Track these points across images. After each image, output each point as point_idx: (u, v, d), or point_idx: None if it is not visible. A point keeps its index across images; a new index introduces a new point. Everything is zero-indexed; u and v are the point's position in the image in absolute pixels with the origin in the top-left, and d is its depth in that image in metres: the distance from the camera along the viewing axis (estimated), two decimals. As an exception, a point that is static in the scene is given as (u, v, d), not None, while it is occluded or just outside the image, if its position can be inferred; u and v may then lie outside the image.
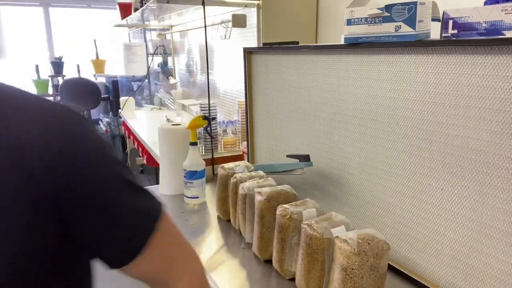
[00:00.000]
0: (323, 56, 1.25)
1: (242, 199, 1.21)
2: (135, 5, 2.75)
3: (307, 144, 1.41)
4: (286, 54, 1.44)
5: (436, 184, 0.96)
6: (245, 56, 1.69)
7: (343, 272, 0.85)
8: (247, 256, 1.18)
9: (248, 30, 2.16)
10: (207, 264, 1.14)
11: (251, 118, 1.77)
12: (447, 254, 0.95)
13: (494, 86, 0.80)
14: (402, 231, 1.07)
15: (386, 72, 1.04)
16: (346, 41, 1.08)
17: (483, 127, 0.83)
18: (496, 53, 0.79)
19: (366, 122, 1.13)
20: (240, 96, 2.43)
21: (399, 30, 0.94)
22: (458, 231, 0.92)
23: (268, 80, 1.59)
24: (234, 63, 2.51)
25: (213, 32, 2.53)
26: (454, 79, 0.88)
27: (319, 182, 1.38)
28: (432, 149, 0.95)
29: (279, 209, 1.04)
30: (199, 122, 1.59)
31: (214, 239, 1.29)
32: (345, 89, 1.19)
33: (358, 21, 1.03)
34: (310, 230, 0.93)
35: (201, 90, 3.28)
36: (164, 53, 3.80)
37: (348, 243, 0.84)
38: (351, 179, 1.22)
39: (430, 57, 0.92)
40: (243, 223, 1.24)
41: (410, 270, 1.06)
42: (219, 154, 2.06)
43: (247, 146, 1.82)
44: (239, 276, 1.08)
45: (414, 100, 0.98)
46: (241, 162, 1.42)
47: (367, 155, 1.14)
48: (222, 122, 2.32)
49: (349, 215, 1.24)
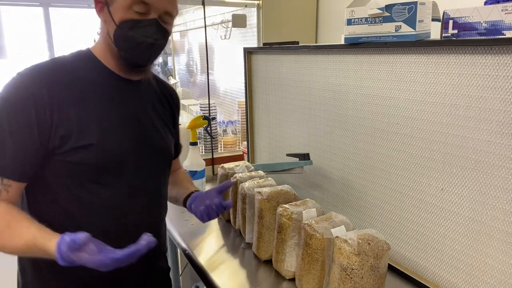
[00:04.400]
0: (323, 56, 1.25)
1: (242, 199, 1.21)
2: (135, 5, 2.74)
3: (307, 144, 1.41)
4: (286, 54, 1.44)
5: (436, 184, 0.95)
6: (245, 56, 1.69)
7: (343, 272, 0.84)
8: (247, 256, 1.18)
9: (248, 30, 2.16)
10: (207, 264, 1.14)
11: (251, 118, 1.77)
12: (447, 254, 0.95)
13: (494, 86, 0.80)
14: (402, 231, 1.07)
15: (386, 72, 1.04)
16: (346, 41, 1.08)
17: (483, 127, 0.83)
18: (496, 53, 0.79)
19: (366, 122, 1.13)
20: (240, 96, 2.43)
21: (399, 30, 0.94)
22: (458, 231, 0.92)
23: (268, 80, 1.59)
24: (234, 63, 2.51)
25: (213, 32, 2.53)
26: (454, 79, 0.88)
27: (319, 182, 1.38)
28: (432, 149, 0.95)
29: (279, 209, 1.04)
30: (199, 122, 1.59)
31: (214, 239, 1.29)
32: (345, 89, 1.19)
33: (358, 21, 1.03)
34: (310, 230, 0.93)
35: (201, 90, 3.28)
36: (164, 53, 3.79)
37: (348, 243, 0.84)
38: (351, 179, 1.22)
39: (430, 57, 0.92)
40: (243, 223, 1.24)
41: (410, 270, 1.06)
42: (219, 154, 2.06)
43: (247, 146, 1.82)
44: (239, 276, 1.08)
45: (414, 100, 0.98)
46: (241, 162, 1.42)
47: (367, 155, 1.14)
48: (222, 122, 2.32)
49: (349, 215, 1.24)
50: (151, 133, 0.99)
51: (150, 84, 1.04)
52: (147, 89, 1.02)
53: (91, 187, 0.89)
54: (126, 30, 0.88)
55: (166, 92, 1.10)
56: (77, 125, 0.86)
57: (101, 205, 0.91)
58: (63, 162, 0.86)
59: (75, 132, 0.85)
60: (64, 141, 0.85)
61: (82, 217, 0.90)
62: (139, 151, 0.95)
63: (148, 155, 0.98)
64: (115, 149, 0.91)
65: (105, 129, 0.89)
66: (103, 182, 0.90)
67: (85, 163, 0.87)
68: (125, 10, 0.87)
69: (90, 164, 0.87)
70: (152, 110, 1.02)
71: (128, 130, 0.94)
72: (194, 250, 1.22)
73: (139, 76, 0.99)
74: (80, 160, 0.86)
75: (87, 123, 0.87)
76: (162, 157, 1.03)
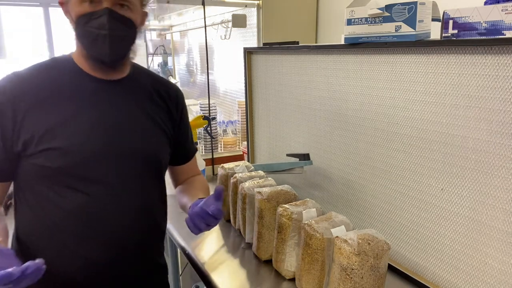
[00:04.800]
0: (323, 56, 1.25)
1: (242, 199, 1.21)
2: (135, 5, 2.74)
3: (307, 144, 1.41)
4: (286, 54, 1.44)
5: (436, 184, 0.95)
6: (245, 56, 1.69)
7: (343, 272, 0.84)
8: (247, 256, 1.18)
9: (248, 30, 2.16)
10: (207, 264, 1.14)
11: (251, 118, 1.77)
12: (447, 254, 0.95)
13: (494, 86, 0.80)
14: (402, 231, 1.07)
15: (386, 72, 1.04)
16: (346, 41, 1.08)
17: (483, 127, 0.83)
18: (496, 53, 0.79)
19: (366, 122, 1.13)
20: (240, 96, 2.43)
21: (399, 30, 0.94)
22: (458, 231, 0.92)
23: (268, 80, 1.59)
24: (234, 63, 2.51)
25: (213, 32, 2.53)
26: (454, 79, 0.88)
27: (319, 182, 1.38)
28: (432, 149, 0.95)
29: (279, 209, 1.04)
30: (199, 122, 1.59)
31: (214, 239, 1.29)
32: (345, 89, 1.19)
33: (358, 21, 1.03)
34: (310, 230, 0.93)
35: (201, 90, 3.28)
36: (164, 53, 3.79)
37: (348, 243, 0.84)
38: (351, 179, 1.22)
39: (430, 57, 0.92)
40: (243, 223, 1.24)
41: (410, 270, 1.06)
42: (219, 154, 2.06)
43: (247, 146, 1.82)
44: (239, 276, 1.08)
45: (414, 100, 0.98)
46: (241, 162, 1.42)
47: (367, 155, 1.14)
48: (222, 122, 2.32)
49: (349, 215, 1.24)
50: (130, 135, 0.93)
51: (139, 83, 0.98)
52: (133, 88, 0.97)
53: (63, 191, 0.87)
54: (82, 26, 0.83)
55: (162, 91, 1.02)
56: (42, 129, 0.84)
57: (72, 209, 0.88)
58: (31, 165, 0.86)
59: (39, 136, 0.84)
60: (27, 145, 0.84)
61: (53, 220, 0.88)
62: (113, 154, 0.90)
63: (125, 158, 0.92)
64: (84, 152, 0.87)
65: (73, 133, 0.86)
66: (75, 187, 0.87)
67: (51, 167, 0.85)
68: (78, 4, 0.83)
69: (58, 168, 0.85)
70: (139, 111, 0.96)
71: (100, 132, 0.89)
72: (194, 250, 1.22)
73: (117, 74, 0.94)
74: (46, 163, 0.85)
75: (53, 127, 0.85)
76: (143, 160, 0.95)
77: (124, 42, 0.88)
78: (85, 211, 0.88)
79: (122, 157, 0.92)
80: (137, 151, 0.94)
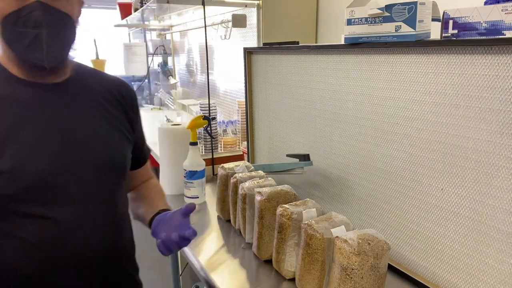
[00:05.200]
0: (323, 56, 1.25)
1: (242, 199, 1.21)
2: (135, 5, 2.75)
3: (307, 144, 1.41)
4: (286, 54, 1.44)
5: (436, 184, 0.95)
6: (245, 56, 1.69)
7: (343, 272, 0.84)
8: (247, 256, 1.18)
9: (248, 30, 2.16)
10: (207, 264, 1.14)
11: (251, 118, 1.77)
12: (447, 254, 0.95)
13: (494, 86, 0.80)
14: (402, 231, 1.07)
15: (386, 72, 1.04)
16: (346, 41, 1.08)
17: (483, 127, 0.83)
18: (496, 53, 0.79)
19: (366, 122, 1.13)
20: (240, 96, 2.43)
21: (399, 30, 0.94)
22: (458, 231, 0.92)
23: (268, 80, 1.59)
24: (234, 63, 2.51)
25: (213, 32, 2.53)
26: (454, 79, 0.88)
27: (319, 182, 1.38)
28: (432, 149, 0.95)
29: (279, 209, 1.04)
30: (199, 122, 1.59)
31: (214, 239, 1.29)
32: (345, 89, 1.19)
33: (358, 21, 1.03)
34: (310, 230, 0.93)
35: (201, 90, 3.28)
36: (164, 53, 3.80)
37: (348, 243, 0.84)
38: (351, 179, 1.22)
39: (430, 57, 0.92)
40: (243, 223, 1.24)
41: (410, 270, 1.06)
42: (219, 154, 2.06)
43: (247, 146, 1.82)
44: (239, 276, 1.08)
45: (414, 100, 0.98)
46: (241, 162, 1.42)
47: (367, 155, 1.14)
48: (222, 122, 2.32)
49: (349, 215, 1.24)
50: (88, 143, 0.81)
51: (85, 84, 0.86)
52: (79, 91, 0.84)
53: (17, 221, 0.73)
54: (11, 27, 0.69)
55: (114, 91, 0.90)
56: None
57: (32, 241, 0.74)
58: None
59: None
60: None
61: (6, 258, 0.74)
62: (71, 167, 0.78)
63: (86, 170, 0.80)
64: (35, 172, 0.73)
65: (18, 151, 0.72)
66: (32, 213, 0.74)
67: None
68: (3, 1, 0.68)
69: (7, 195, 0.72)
70: (91, 116, 0.84)
71: (50, 145, 0.76)
72: (194, 250, 1.22)
73: (57, 77, 0.80)
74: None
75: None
76: (107, 169, 0.84)
77: (64, 41, 0.74)
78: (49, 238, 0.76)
79: (88, 168, 0.81)
80: (98, 160, 0.83)
